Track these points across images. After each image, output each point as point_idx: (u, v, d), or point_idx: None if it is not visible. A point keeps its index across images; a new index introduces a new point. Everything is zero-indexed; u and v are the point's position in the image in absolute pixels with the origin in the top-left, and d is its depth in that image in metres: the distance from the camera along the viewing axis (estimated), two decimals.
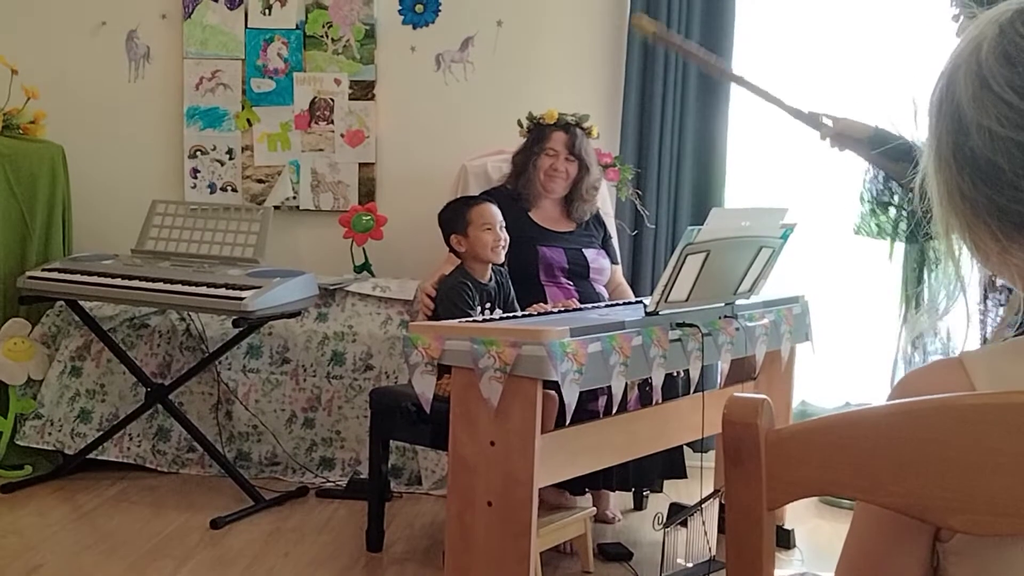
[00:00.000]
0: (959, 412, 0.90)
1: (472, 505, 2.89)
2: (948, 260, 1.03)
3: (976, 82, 0.95)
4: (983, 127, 0.94)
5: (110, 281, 4.19)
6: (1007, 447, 0.87)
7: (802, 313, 3.84)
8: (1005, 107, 0.93)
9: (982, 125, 0.94)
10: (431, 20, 4.94)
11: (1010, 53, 0.94)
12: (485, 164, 4.56)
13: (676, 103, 4.71)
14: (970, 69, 0.96)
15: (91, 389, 4.56)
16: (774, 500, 1.00)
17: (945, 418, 0.90)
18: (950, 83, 0.99)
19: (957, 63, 0.99)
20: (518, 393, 2.79)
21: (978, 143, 0.94)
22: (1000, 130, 0.93)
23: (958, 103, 0.97)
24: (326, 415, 4.54)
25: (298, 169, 5.01)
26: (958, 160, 0.97)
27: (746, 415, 0.99)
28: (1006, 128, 0.93)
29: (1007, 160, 0.93)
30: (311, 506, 4.25)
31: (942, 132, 0.99)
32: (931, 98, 1.02)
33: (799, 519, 4.01)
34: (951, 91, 0.98)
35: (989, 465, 0.88)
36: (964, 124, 0.96)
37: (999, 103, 0.93)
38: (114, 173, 5.07)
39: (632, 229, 4.71)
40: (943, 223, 1.02)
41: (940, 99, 1.00)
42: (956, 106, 0.97)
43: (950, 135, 0.98)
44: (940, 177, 1.00)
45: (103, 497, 4.25)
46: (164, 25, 5.04)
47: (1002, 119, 0.93)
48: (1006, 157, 0.93)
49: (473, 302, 3.58)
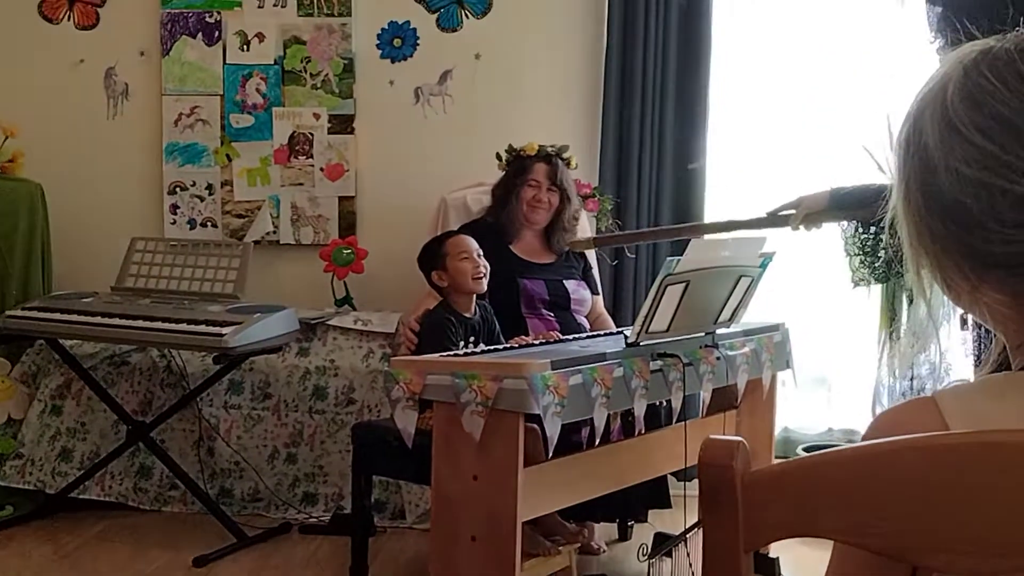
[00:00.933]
0: (934, 452, 0.90)
1: (456, 540, 2.88)
2: (920, 299, 1.04)
3: (943, 124, 0.96)
4: (951, 168, 0.95)
5: (90, 319, 4.17)
6: (982, 486, 0.87)
7: (783, 341, 3.85)
8: (972, 148, 0.94)
9: (950, 166, 0.95)
10: (409, 54, 4.96)
11: (975, 95, 0.95)
12: (465, 196, 4.57)
13: (654, 133, 4.73)
14: (936, 111, 0.98)
15: (72, 428, 4.54)
16: (751, 542, 1.00)
17: (920, 458, 0.90)
18: (917, 124, 1.00)
19: (923, 105, 1.00)
20: (500, 427, 2.78)
21: (946, 184, 0.95)
22: (967, 171, 0.94)
23: (925, 144, 0.98)
24: (308, 450, 4.52)
25: (278, 204, 5.01)
26: (927, 201, 0.98)
27: (722, 457, 0.99)
28: (973, 169, 0.93)
29: (975, 200, 0.94)
30: (294, 542, 4.23)
31: (910, 173, 1.00)
32: (898, 139, 1.03)
33: (784, 547, 4.00)
34: (918, 132, 0.99)
35: (965, 504, 0.88)
36: (932, 165, 0.97)
37: (966, 144, 0.94)
38: (93, 210, 5.06)
39: (612, 259, 4.72)
40: (914, 262, 1.03)
41: (907, 140, 1.01)
42: (923, 147, 0.98)
43: (918, 176, 0.99)
44: (909, 217, 1.01)
45: (85, 537, 4.22)
46: (142, 62, 5.04)
47: (969, 160, 0.94)
48: (974, 198, 0.94)
49: (456, 337, 3.58)
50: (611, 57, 4.74)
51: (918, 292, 1.04)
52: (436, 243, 3.78)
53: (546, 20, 4.93)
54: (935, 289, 1.03)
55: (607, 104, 4.75)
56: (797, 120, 4.78)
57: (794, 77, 4.79)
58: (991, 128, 0.93)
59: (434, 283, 3.72)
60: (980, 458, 0.88)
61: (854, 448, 0.95)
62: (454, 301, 3.69)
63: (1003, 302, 0.98)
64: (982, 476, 0.87)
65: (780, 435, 4.46)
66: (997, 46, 0.98)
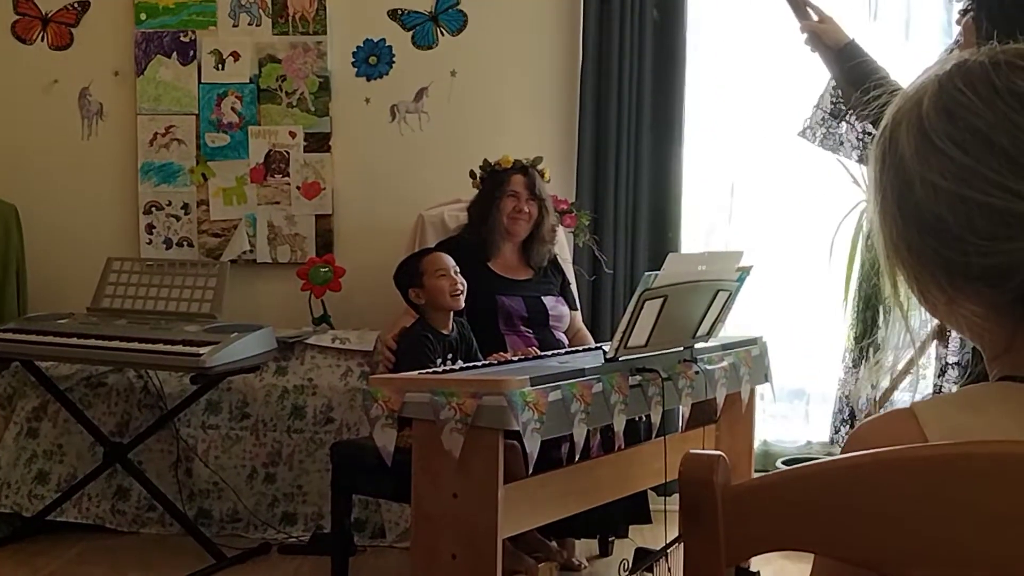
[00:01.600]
0: (913, 464, 0.90)
1: (437, 558, 2.87)
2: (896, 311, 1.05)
3: (918, 136, 0.97)
4: (927, 181, 0.96)
5: (66, 340, 4.14)
6: (961, 498, 0.87)
7: (761, 355, 3.86)
8: (947, 161, 0.94)
9: (925, 179, 0.96)
10: (385, 72, 4.96)
11: (950, 108, 0.96)
12: (442, 213, 4.57)
13: (631, 148, 4.74)
14: (912, 123, 0.98)
15: (48, 450, 4.50)
16: (732, 557, 1.00)
17: (899, 471, 0.90)
18: (893, 137, 1.00)
19: (899, 118, 1.00)
20: (480, 444, 2.78)
21: (922, 196, 0.96)
22: (943, 183, 0.94)
23: (901, 156, 0.99)
24: (287, 470, 4.50)
25: (254, 222, 5.00)
26: (903, 213, 0.99)
27: (702, 472, 0.99)
28: (949, 181, 0.94)
29: (951, 213, 0.94)
30: (274, 563, 4.21)
31: (887, 186, 1.01)
32: (874, 152, 1.03)
33: (765, 560, 4.01)
34: (894, 145, 1.00)
35: (944, 516, 0.88)
36: (908, 178, 0.98)
37: (941, 157, 0.95)
38: (68, 231, 5.03)
39: (590, 275, 4.73)
40: (890, 274, 1.03)
41: (883, 153, 1.02)
42: (899, 159, 0.99)
43: (894, 189, 0.99)
44: (885, 230, 1.02)
45: (62, 560, 4.19)
46: (117, 82, 5.03)
47: (945, 173, 0.94)
48: (950, 210, 0.94)
49: (435, 354, 3.57)
50: (586, 73, 4.75)
51: (894, 303, 1.05)
52: (413, 261, 3.77)
53: (521, 37, 4.94)
54: (912, 301, 1.03)
55: (583, 120, 4.77)
56: (773, 133, 4.80)
57: (768, 90, 4.82)
58: (966, 141, 0.94)
59: (411, 300, 3.71)
60: (958, 469, 0.88)
61: (833, 461, 0.95)
62: (431, 318, 3.69)
63: (980, 314, 0.98)
64: (960, 487, 0.87)
65: (759, 448, 4.47)
66: (971, 59, 0.98)
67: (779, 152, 4.79)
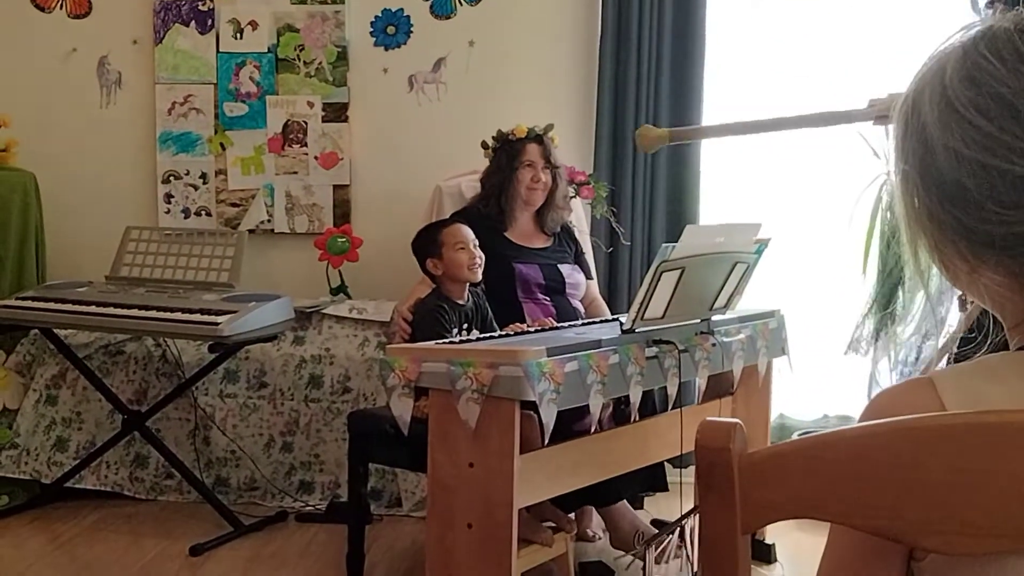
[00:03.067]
0: (930, 433, 0.90)
1: (452, 527, 2.88)
2: (917, 279, 1.04)
3: (941, 104, 0.96)
4: (949, 148, 0.94)
5: (84, 308, 4.16)
6: (978, 467, 0.87)
7: (778, 327, 3.85)
8: (971, 128, 0.93)
9: (948, 146, 0.94)
10: (403, 41, 4.95)
11: (974, 75, 0.94)
12: (459, 184, 4.56)
13: (650, 119, 4.72)
14: (935, 90, 0.97)
15: (67, 417, 4.53)
16: (748, 524, 1.00)
17: (916, 439, 0.90)
18: (915, 105, 0.99)
19: (921, 85, 0.99)
20: (496, 414, 2.78)
21: (944, 164, 0.95)
22: (966, 151, 0.93)
23: (924, 124, 0.97)
24: (304, 439, 4.53)
25: (272, 192, 5.00)
26: (925, 181, 0.98)
27: (719, 440, 0.99)
28: (972, 149, 0.93)
29: (973, 181, 0.93)
30: (291, 531, 4.23)
31: (908, 153, 1.00)
32: (896, 119, 1.02)
33: (780, 532, 4.01)
34: (916, 112, 0.99)
35: (961, 485, 0.88)
36: (930, 145, 0.96)
37: (964, 124, 0.94)
38: (87, 200, 5.05)
39: (607, 246, 4.72)
40: (911, 243, 1.02)
41: (906, 120, 1.00)
42: (922, 127, 0.98)
43: (916, 156, 0.98)
44: (907, 198, 1.00)
45: (81, 526, 4.22)
46: (135, 51, 5.03)
47: (968, 140, 0.93)
48: (972, 178, 0.93)
49: (450, 324, 3.57)
50: (605, 43, 4.73)
51: (915, 273, 1.04)
52: (432, 231, 3.76)
53: (540, 6, 4.92)
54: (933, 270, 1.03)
55: (602, 90, 4.74)
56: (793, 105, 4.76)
57: (790, 61, 4.79)
58: (990, 108, 0.93)
59: (428, 270, 3.71)
60: (976, 439, 0.87)
61: (850, 430, 0.95)
62: (447, 288, 3.68)
63: (1001, 283, 0.97)
64: (978, 457, 0.87)
65: (776, 422, 4.47)
66: (996, 25, 0.97)
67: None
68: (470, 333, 3.60)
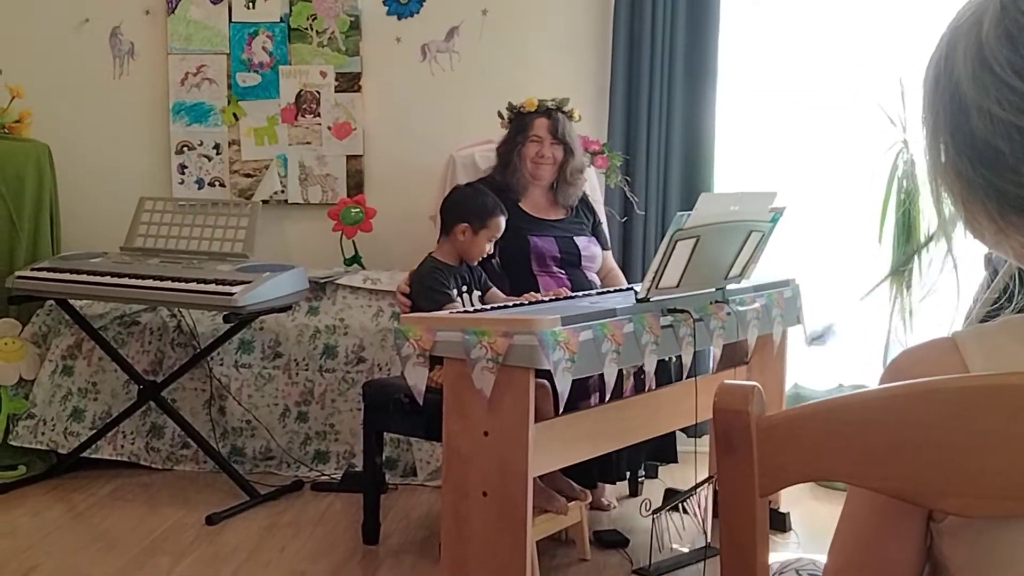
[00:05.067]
0: (951, 395, 0.89)
1: (467, 496, 2.89)
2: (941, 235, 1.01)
3: (976, 61, 0.92)
4: (983, 109, 0.91)
5: (99, 279, 4.17)
6: (999, 429, 0.86)
7: (793, 296, 3.84)
8: (1007, 89, 0.89)
9: (982, 107, 0.91)
10: (416, 10, 4.92)
11: (1012, 33, 0.90)
12: (473, 154, 4.54)
13: (664, 89, 4.69)
14: (970, 47, 0.92)
15: (83, 388, 4.55)
16: (766, 487, 1.00)
17: (936, 401, 0.89)
18: (948, 59, 0.95)
19: (955, 38, 0.95)
20: (511, 383, 2.78)
21: (978, 125, 0.91)
22: (1001, 113, 0.90)
23: (957, 82, 0.93)
24: (319, 408, 4.54)
25: (285, 163, 5.00)
26: (956, 140, 0.94)
27: (737, 402, 0.98)
28: (1007, 111, 0.89)
29: (1007, 143, 0.90)
30: (306, 500, 4.25)
31: (939, 110, 0.96)
32: (927, 72, 0.98)
33: (795, 502, 4.02)
34: (949, 68, 0.94)
35: (981, 447, 0.87)
36: (963, 104, 0.92)
37: (1000, 85, 0.90)
38: (101, 171, 5.05)
39: (622, 216, 4.70)
40: (936, 200, 0.99)
41: (937, 75, 0.96)
42: (955, 85, 0.93)
43: (948, 114, 0.94)
44: (935, 154, 0.97)
45: (97, 496, 4.24)
46: (148, 21, 5.02)
47: (1003, 101, 0.89)
48: (1006, 140, 0.90)
49: (449, 283, 3.59)
50: (620, 12, 4.69)
51: (940, 228, 1.01)
52: (485, 209, 3.69)
53: None
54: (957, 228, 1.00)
55: (616, 59, 4.71)
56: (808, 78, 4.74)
57: (806, 35, 4.75)
58: None
59: (452, 230, 3.69)
60: (996, 401, 0.87)
61: (868, 392, 0.94)
62: (444, 253, 3.71)
63: None
64: (998, 419, 0.86)
65: (790, 391, 4.46)
66: None
67: (814, 96, 4.74)
68: (471, 294, 3.62)
